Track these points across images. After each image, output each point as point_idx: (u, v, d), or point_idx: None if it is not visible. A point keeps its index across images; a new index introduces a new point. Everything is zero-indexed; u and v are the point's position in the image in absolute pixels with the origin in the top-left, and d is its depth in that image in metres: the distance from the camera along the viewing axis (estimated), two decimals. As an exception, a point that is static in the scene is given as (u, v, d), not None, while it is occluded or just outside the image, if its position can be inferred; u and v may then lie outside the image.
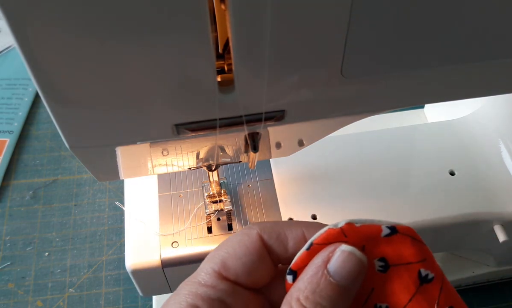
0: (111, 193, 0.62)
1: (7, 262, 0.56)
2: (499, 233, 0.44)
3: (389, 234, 0.25)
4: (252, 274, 0.26)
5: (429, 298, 0.25)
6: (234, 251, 0.27)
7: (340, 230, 0.25)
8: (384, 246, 0.25)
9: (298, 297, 0.24)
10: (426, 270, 0.25)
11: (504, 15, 0.27)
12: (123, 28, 0.22)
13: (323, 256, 0.25)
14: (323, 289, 0.24)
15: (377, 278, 0.26)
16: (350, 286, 0.24)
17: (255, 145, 0.32)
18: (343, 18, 0.24)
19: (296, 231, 0.27)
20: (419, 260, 0.25)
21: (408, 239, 0.25)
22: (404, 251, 0.25)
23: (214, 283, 0.26)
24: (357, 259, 0.24)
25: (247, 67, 0.26)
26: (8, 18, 0.21)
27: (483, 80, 0.32)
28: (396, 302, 0.25)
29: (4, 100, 0.71)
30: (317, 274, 0.24)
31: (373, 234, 0.25)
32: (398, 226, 0.25)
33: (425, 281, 0.25)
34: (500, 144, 0.48)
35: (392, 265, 0.25)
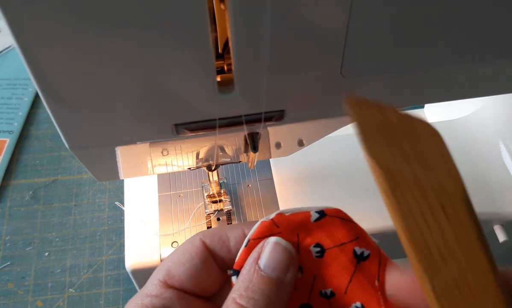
0: (111, 193, 0.62)
1: (7, 262, 0.56)
2: (499, 233, 0.44)
3: (318, 218, 0.25)
4: (197, 280, 0.26)
5: (368, 275, 0.25)
6: (178, 258, 0.27)
7: (271, 221, 0.25)
8: (316, 231, 0.25)
9: (233, 297, 0.24)
10: (361, 248, 0.25)
11: (504, 15, 0.27)
12: (122, 28, 0.22)
13: (254, 254, 0.25)
14: (255, 284, 0.24)
15: (316, 265, 0.26)
16: (282, 278, 0.24)
17: (255, 145, 0.32)
18: (342, 18, 0.24)
19: (237, 231, 0.27)
20: (352, 239, 0.25)
21: (337, 220, 0.25)
22: (336, 233, 0.25)
23: (159, 292, 0.26)
24: (283, 248, 0.25)
25: (247, 67, 0.26)
26: (8, 18, 0.21)
27: (483, 80, 0.32)
28: (338, 285, 0.25)
29: (4, 100, 0.71)
30: (250, 271, 0.24)
31: (303, 221, 0.25)
32: (326, 209, 0.25)
33: (361, 259, 0.25)
34: (500, 144, 0.48)
35: (328, 249, 0.25)
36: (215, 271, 0.27)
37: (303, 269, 0.26)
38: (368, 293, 0.25)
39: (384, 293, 0.25)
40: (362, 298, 0.25)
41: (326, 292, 0.26)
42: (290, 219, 0.25)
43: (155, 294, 0.26)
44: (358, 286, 0.25)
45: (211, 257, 0.27)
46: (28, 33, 0.22)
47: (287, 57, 0.26)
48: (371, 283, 0.25)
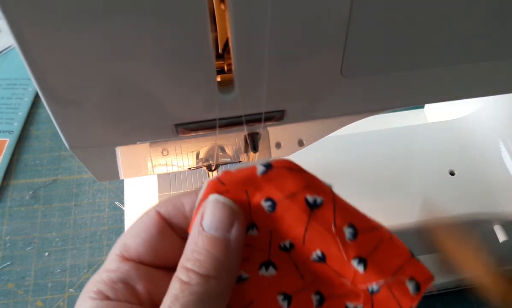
0: (111, 193, 0.62)
1: (7, 262, 0.56)
2: (499, 233, 0.44)
3: (264, 171, 0.24)
4: (155, 251, 0.26)
5: (324, 222, 0.24)
6: (134, 230, 0.26)
7: (217, 179, 0.25)
8: (265, 185, 0.24)
9: (181, 262, 0.23)
10: (312, 195, 0.24)
11: (504, 15, 0.27)
12: (123, 28, 0.22)
13: (198, 216, 0.24)
14: (201, 245, 0.23)
15: (270, 219, 0.25)
16: (227, 236, 0.24)
17: (255, 145, 0.32)
18: (343, 18, 0.24)
19: (191, 196, 0.26)
20: (302, 188, 0.24)
21: (285, 171, 0.24)
22: (284, 183, 0.24)
23: (117, 266, 0.25)
24: (222, 204, 0.24)
25: (247, 67, 0.26)
26: (8, 18, 0.21)
27: (483, 80, 0.32)
28: (295, 236, 0.25)
29: (4, 100, 0.71)
30: (195, 233, 0.24)
31: (250, 175, 0.24)
32: (272, 161, 0.25)
33: (314, 206, 0.24)
34: (500, 144, 0.48)
35: (279, 202, 0.24)
36: (174, 240, 0.26)
37: (258, 227, 0.25)
38: (326, 240, 0.24)
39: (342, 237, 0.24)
40: (321, 245, 0.25)
41: (285, 245, 0.25)
42: (236, 175, 0.24)
43: (112, 268, 0.25)
44: (315, 235, 0.25)
45: (168, 226, 0.26)
46: (28, 33, 0.22)
47: (287, 57, 0.26)
48: (328, 229, 0.24)
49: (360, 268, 0.24)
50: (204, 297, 0.22)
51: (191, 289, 0.22)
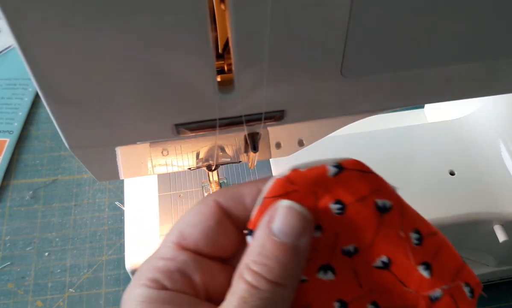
0: (111, 193, 0.62)
1: (7, 262, 0.56)
2: (499, 233, 0.44)
3: (336, 172, 0.24)
4: (212, 241, 0.25)
5: (392, 226, 0.24)
6: (191, 219, 0.25)
7: (286, 178, 0.24)
8: (335, 186, 0.24)
9: (247, 262, 0.23)
10: (382, 199, 0.24)
11: (504, 15, 0.27)
12: (122, 27, 0.22)
13: (266, 217, 0.24)
14: (269, 249, 0.23)
15: (338, 222, 0.24)
16: (297, 243, 0.23)
17: (255, 145, 0.32)
18: (343, 17, 0.24)
19: (252, 188, 0.26)
20: (373, 191, 0.24)
21: (356, 173, 0.24)
22: (355, 186, 0.24)
23: (174, 254, 0.25)
24: (297, 212, 0.23)
25: (247, 67, 0.26)
26: (8, 18, 0.21)
27: (483, 80, 0.32)
28: (362, 240, 0.24)
29: (4, 100, 0.71)
30: (262, 235, 0.23)
31: (320, 176, 0.24)
32: (343, 161, 0.24)
33: (384, 211, 0.24)
34: (500, 144, 0.48)
35: (349, 204, 0.24)
36: (231, 232, 0.26)
37: (323, 229, 0.24)
38: (394, 245, 0.24)
39: (409, 242, 0.24)
40: (388, 251, 0.24)
41: (349, 249, 0.25)
42: (306, 175, 0.24)
43: (169, 256, 0.25)
44: (383, 239, 0.24)
45: (226, 217, 0.25)
46: (28, 33, 0.22)
47: (287, 57, 0.26)
48: (396, 234, 0.24)
49: (426, 273, 0.24)
50: (272, 303, 0.22)
51: (260, 294, 0.22)
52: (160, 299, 0.23)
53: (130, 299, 0.24)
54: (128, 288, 0.24)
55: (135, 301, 0.23)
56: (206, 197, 0.26)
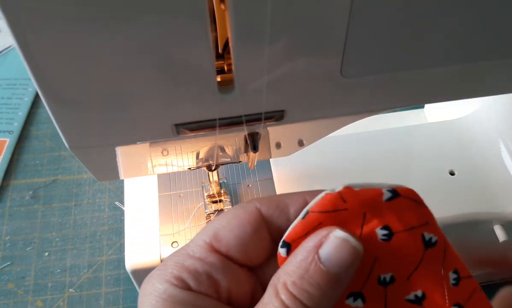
0: (111, 193, 0.62)
1: (7, 262, 0.56)
2: (499, 233, 0.44)
3: (390, 197, 0.23)
4: (245, 249, 0.24)
5: (434, 262, 0.23)
6: (228, 222, 0.25)
7: (338, 194, 0.23)
8: (386, 212, 0.23)
9: (285, 281, 0.22)
10: (429, 233, 0.23)
11: (504, 15, 0.27)
12: (122, 27, 0.22)
13: (315, 240, 0.23)
14: (312, 275, 0.22)
15: (380, 248, 0.24)
16: (342, 275, 0.22)
17: (255, 145, 0.32)
18: (342, 18, 0.24)
19: (297, 199, 0.25)
20: (422, 224, 0.23)
21: (410, 202, 0.23)
22: (406, 215, 0.23)
23: (203, 255, 0.24)
24: (351, 247, 0.22)
25: (247, 67, 0.26)
26: (8, 18, 0.21)
27: (483, 80, 0.32)
28: (402, 271, 0.24)
29: (4, 100, 0.71)
30: (307, 258, 0.22)
31: (373, 198, 0.23)
32: (398, 188, 0.23)
33: (429, 245, 0.23)
34: (500, 144, 0.48)
35: (396, 233, 0.23)
36: (266, 241, 0.25)
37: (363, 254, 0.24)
38: (433, 281, 0.23)
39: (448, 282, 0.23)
40: (425, 286, 0.23)
41: (385, 278, 0.24)
42: (359, 195, 0.23)
43: (199, 256, 0.24)
44: (423, 273, 0.23)
45: (265, 227, 0.25)
46: (28, 33, 0.22)
47: (287, 57, 0.26)
48: (437, 271, 0.23)
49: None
50: None
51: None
52: (183, 300, 0.23)
53: (152, 294, 0.23)
54: (150, 279, 0.24)
55: (157, 297, 0.23)
56: (248, 201, 0.25)
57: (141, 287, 0.24)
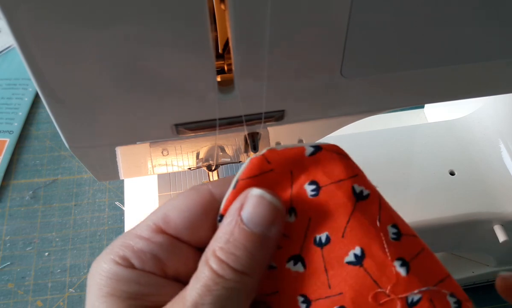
0: (111, 193, 0.62)
1: (7, 262, 0.56)
2: (499, 233, 0.44)
3: (313, 152, 0.23)
4: (195, 230, 0.24)
5: (369, 215, 0.23)
6: (179, 204, 0.25)
7: (262, 156, 0.23)
8: (311, 167, 0.23)
9: (214, 248, 0.22)
10: (360, 186, 0.23)
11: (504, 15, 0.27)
12: (122, 27, 0.22)
13: (237, 203, 0.23)
14: (237, 238, 0.22)
15: (311, 205, 0.23)
16: (266, 233, 0.22)
17: (255, 145, 0.32)
18: (342, 18, 0.24)
19: None
20: (351, 176, 0.23)
21: (334, 155, 0.23)
22: (333, 168, 0.23)
23: (150, 235, 0.24)
24: (268, 202, 0.23)
25: (247, 67, 0.26)
26: (8, 18, 0.21)
27: (483, 80, 0.32)
28: (335, 226, 0.23)
29: (4, 100, 0.71)
30: (231, 222, 0.23)
31: (297, 156, 0.23)
32: (321, 144, 0.23)
33: (360, 198, 0.23)
34: (500, 144, 0.48)
35: (324, 186, 0.23)
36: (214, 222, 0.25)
37: (297, 212, 0.24)
38: (369, 235, 0.23)
39: (386, 235, 0.23)
40: (362, 241, 0.23)
41: (321, 238, 0.24)
42: (283, 154, 0.23)
43: (145, 236, 0.24)
44: (357, 227, 0.23)
45: (216, 209, 0.25)
46: (28, 33, 0.22)
47: (287, 57, 0.26)
48: (372, 224, 0.23)
49: (402, 271, 0.22)
50: (237, 293, 0.22)
51: (225, 283, 0.22)
52: (126, 277, 0.23)
53: (97, 272, 0.24)
54: (97, 259, 0.25)
55: (101, 276, 0.24)
56: (200, 185, 0.26)
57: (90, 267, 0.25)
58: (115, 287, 0.23)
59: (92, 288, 0.24)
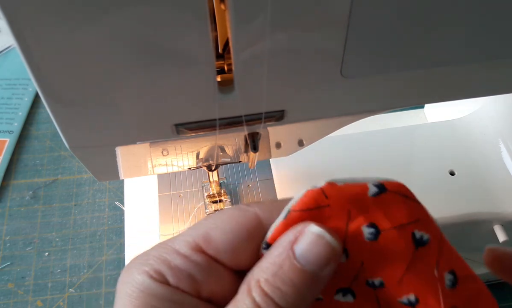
0: (111, 193, 0.62)
1: (7, 262, 0.56)
2: (499, 233, 0.44)
3: (377, 193, 0.22)
4: (236, 254, 0.23)
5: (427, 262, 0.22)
6: (222, 224, 0.23)
7: (320, 190, 0.22)
8: (372, 208, 0.22)
9: (258, 278, 0.21)
10: (420, 231, 0.22)
11: (504, 15, 0.27)
12: (122, 27, 0.22)
13: (291, 236, 0.22)
14: (286, 272, 0.21)
15: (367, 249, 0.22)
16: (318, 273, 0.21)
17: (255, 145, 0.32)
18: (342, 18, 0.24)
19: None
20: (412, 221, 0.22)
21: (399, 197, 0.22)
22: (395, 212, 0.22)
23: (188, 253, 0.23)
24: (327, 243, 0.21)
25: (247, 67, 0.26)
26: (8, 18, 0.21)
27: (483, 80, 0.32)
28: (391, 273, 0.22)
29: (4, 100, 0.71)
30: (281, 255, 0.21)
31: (358, 193, 0.22)
32: (386, 182, 0.22)
33: (420, 244, 0.22)
34: (500, 144, 0.48)
35: (383, 231, 0.22)
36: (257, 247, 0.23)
37: (348, 253, 0.22)
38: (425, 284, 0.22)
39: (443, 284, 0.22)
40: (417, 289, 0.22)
41: (373, 282, 0.23)
42: (343, 190, 0.21)
43: (183, 252, 0.23)
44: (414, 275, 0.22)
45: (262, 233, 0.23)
46: (28, 33, 0.22)
47: (287, 57, 0.26)
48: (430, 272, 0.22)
49: None
50: None
51: None
52: (160, 293, 0.22)
53: (129, 283, 0.23)
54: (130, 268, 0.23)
55: (133, 287, 0.22)
56: (247, 205, 0.24)
57: (121, 273, 0.24)
58: (147, 301, 0.22)
59: (122, 298, 0.23)
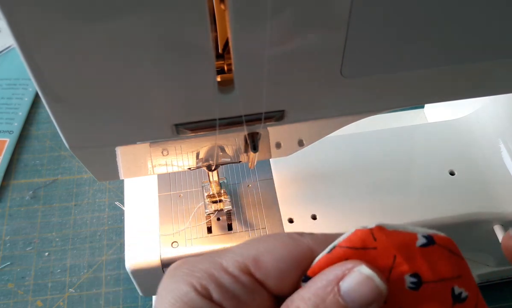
0: (111, 193, 0.62)
1: (7, 262, 0.56)
2: (499, 233, 0.44)
3: (425, 244, 0.22)
4: (282, 281, 0.23)
5: None
6: (275, 251, 0.23)
7: (369, 231, 0.22)
8: (418, 258, 0.22)
9: (298, 306, 0.21)
10: (460, 288, 0.22)
11: (504, 15, 0.27)
12: (122, 27, 0.22)
13: (338, 271, 0.22)
14: (327, 306, 0.21)
15: (406, 296, 0.22)
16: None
17: (255, 145, 0.32)
18: (342, 18, 0.24)
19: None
20: (454, 277, 0.22)
21: (446, 252, 0.22)
22: (440, 266, 0.22)
23: (236, 273, 0.23)
24: (375, 286, 0.21)
25: (247, 67, 0.26)
26: (8, 18, 0.21)
27: (483, 80, 0.32)
28: None
29: (4, 100, 0.71)
30: (326, 288, 0.21)
31: (406, 241, 0.22)
32: (435, 235, 0.22)
33: (458, 301, 0.22)
34: (500, 144, 0.48)
35: (425, 282, 0.22)
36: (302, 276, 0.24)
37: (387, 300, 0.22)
38: None
39: None
40: None
41: None
42: (392, 236, 0.22)
43: (232, 272, 0.23)
44: None
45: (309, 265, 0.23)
46: (28, 33, 0.22)
47: (287, 57, 0.26)
48: None
49: None
50: None
51: None
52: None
53: (173, 291, 0.23)
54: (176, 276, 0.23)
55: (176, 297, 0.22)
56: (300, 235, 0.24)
57: (165, 276, 0.24)
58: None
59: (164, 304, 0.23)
